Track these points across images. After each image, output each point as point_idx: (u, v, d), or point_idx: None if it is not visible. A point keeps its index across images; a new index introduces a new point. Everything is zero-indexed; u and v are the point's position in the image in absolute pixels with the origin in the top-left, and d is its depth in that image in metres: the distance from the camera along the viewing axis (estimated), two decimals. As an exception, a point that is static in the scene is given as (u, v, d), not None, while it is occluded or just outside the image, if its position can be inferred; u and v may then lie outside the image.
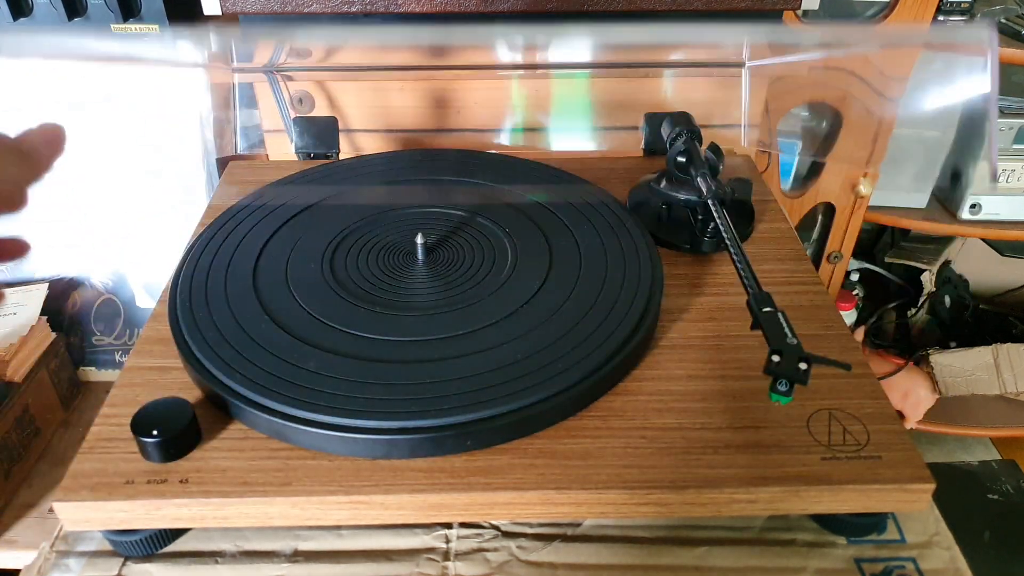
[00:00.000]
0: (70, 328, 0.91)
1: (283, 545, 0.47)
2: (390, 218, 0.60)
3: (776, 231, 0.63)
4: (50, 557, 0.46)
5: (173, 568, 0.45)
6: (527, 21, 0.78)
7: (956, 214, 1.13)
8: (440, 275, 0.55)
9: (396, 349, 0.48)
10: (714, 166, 0.60)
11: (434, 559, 0.46)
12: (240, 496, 0.42)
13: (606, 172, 0.69)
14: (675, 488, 0.42)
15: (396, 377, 0.45)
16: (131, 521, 0.43)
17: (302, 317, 0.50)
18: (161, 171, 0.84)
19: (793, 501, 0.43)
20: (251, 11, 0.73)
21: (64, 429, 0.87)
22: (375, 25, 0.78)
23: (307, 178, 0.64)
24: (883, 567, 0.45)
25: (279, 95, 0.79)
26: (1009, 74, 1.09)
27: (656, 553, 0.46)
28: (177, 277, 0.54)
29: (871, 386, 0.48)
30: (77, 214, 0.86)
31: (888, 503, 0.43)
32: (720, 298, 0.56)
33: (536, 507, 0.43)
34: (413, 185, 0.64)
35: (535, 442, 0.44)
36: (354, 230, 0.59)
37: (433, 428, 0.43)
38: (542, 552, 0.46)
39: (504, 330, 0.49)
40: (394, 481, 0.42)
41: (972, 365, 1.20)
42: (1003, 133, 1.05)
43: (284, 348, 0.48)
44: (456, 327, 0.49)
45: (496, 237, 0.58)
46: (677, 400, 0.47)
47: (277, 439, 0.44)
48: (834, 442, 0.44)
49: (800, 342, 0.42)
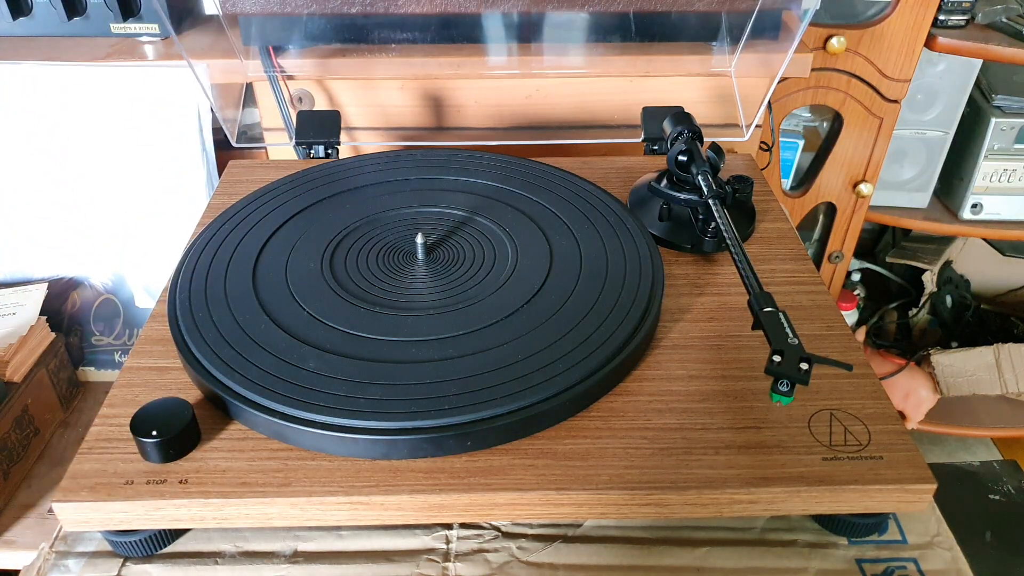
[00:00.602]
0: (69, 328, 0.91)
1: (283, 546, 0.46)
2: (390, 218, 0.60)
3: (777, 231, 0.63)
4: (49, 557, 0.46)
5: (173, 569, 0.45)
6: (527, 21, 0.78)
7: (957, 214, 1.13)
8: (440, 275, 0.54)
9: (396, 349, 0.48)
10: (715, 165, 0.60)
11: (434, 560, 0.46)
12: (240, 497, 0.42)
13: (606, 172, 0.69)
14: (676, 489, 0.42)
15: (396, 377, 0.45)
16: (130, 522, 0.43)
17: (302, 317, 0.50)
18: (161, 171, 0.84)
19: (794, 502, 0.43)
20: (251, 11, 0.73)
21: (63, 429, 0.87)
22: (374, 27, 0.78)
23: (307, 178, 0.64)
24: (884, 568, 0.45)
25: (279, 94, 0.79)
26: (1010, 73, 1.09)
27: (657, 554, 0.46)
28: (177, 277, 0.54)
29: (872, 386, 0.48)
30: (77, 214, 0.86)
31: (889, 503, 0.43)
32: (721, 298, 0.55)
33: (536, 508, 0.43)
34: (413, 185, 0.64)
35: (535, 442, 0.44)
36: (354, 230, 0.59)
37: (433, 428, 0.43)
38: (543, 553, 0.46)
39: (504, 330, 0.49)
40: (394, 482, 0.42)
41: (973, 365, 1.20)
42: (1004, 133, 1.05)
43: (284, 348, 0.47)
44: (456, 327, 0.49)
45: (496, 237, 0.58)
46: (678, 400, 0.47)
47: (277, 439, 0.44)
48: (835, 442, 0.44)
49: (801, 342, 0.42)
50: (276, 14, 0.73)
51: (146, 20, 0.80)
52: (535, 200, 0.62)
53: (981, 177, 1.08)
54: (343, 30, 0.78)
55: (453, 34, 0.79)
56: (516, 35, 0.79)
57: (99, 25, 0.80)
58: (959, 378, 1.21)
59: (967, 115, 1.07)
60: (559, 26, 0.79)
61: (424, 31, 0.79)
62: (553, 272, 0.54)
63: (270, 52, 0.77)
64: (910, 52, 0.94)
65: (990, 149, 1.06)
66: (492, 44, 0.79)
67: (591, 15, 0.77)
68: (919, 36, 0.93)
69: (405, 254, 0.56)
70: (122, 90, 0.80)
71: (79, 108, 0.81)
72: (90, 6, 0.79)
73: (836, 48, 0.92)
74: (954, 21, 0.94)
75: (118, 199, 0.85)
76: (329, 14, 0.74)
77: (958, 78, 1.04)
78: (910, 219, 1.14)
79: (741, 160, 0.72)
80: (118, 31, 0.80)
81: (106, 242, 0.88)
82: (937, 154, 1.10)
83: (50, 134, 0.82)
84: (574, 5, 0.74)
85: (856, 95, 0.97)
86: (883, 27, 0.92)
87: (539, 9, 0.74)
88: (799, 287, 0.56)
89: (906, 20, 0.91)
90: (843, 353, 0.50)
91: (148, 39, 0.81)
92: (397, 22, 0.78)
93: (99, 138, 0.83)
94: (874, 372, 0.49)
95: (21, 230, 0.87)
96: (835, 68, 0.95)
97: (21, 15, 0.80)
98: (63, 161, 0.84)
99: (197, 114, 0.82)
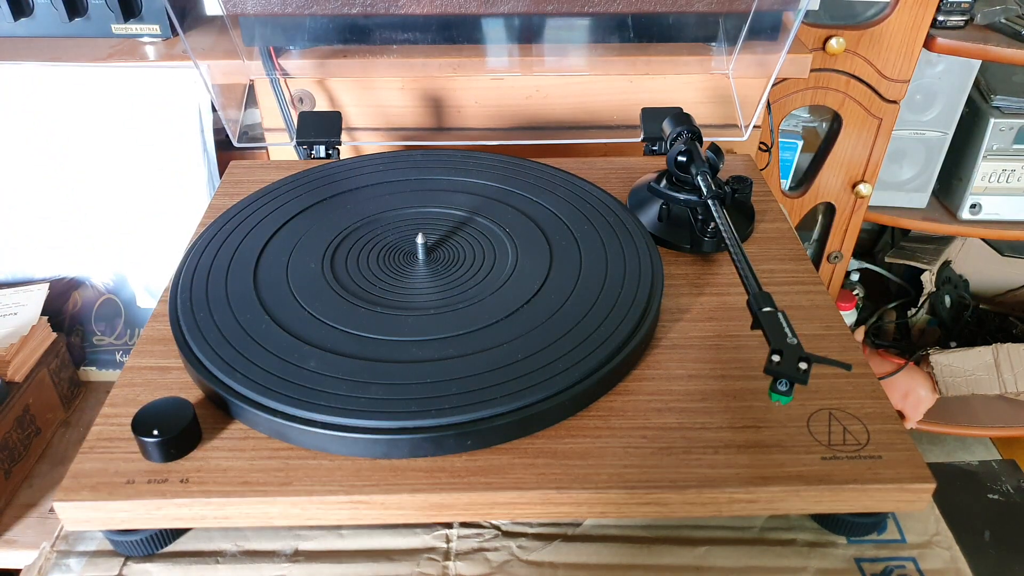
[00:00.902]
0: (71, 328, 0.91)
1: (284, 545, 0.47)
2: (390, 218, 0.60)
3: (776, 231, 0.63)
4: (50, 557, 0.46)
5: (174, 568, 0.45)
6: (527, 22, 0.78)
7: (956, 214, 1.13)
8: (441, 275, 0.55)
9: (397, 349, 0.48)
10: (714, 165, 0.60)
11: (435, 559, 0.46)
12: (241, 496, 0.42)
13: (606, 172, 0.69)
14: (675, 488, 0.42)
15: (397, 377, 0.45)
16: (132, 521, 0.43)
17: (302, 317, 0.50)
18: (162, 171, 0.84)
19: (793, 501, 0.43)
20: (252, 12, 0.73)
21: (64, 429, 0.87)
22: (375, 28, 0.78)
23: (307, 178, 0.64)
24: (883, 567, 0.45)
25: (279, 94, 0.79)
26: (1009, 74, 1.09)
27: (656, 553, 0.46)
28: (178, 277, 0.54)
29: (871, 386, 0.48)
30: (78, 214, 0.86)
31: (888, 503, 0.43)
32: (720, 298, 0.56)
33: (537, 507, 0.43)
34: (413, 185, 0.64)
35: (535, 442, 0.44)
36: (354, 230, 0.59)
37: (433, 428, 0.43)
38: (543, 552, 0.46)
39: (504, 330, 0.49)
40: (394, 481, 0.42)
41: (972, 365, 1.20)
42: (1003, 133, 1.05)
43: (284, 348, 0.48)
44: (457, 327, 0.49)
45: (496, 237, 0.58)
46: (677, 400, 0.47)
47: (278, 439, 0.44)
48: (834, 442, 0.44)
49: (800, 342, 0.42)
50: (278, 15, 0.73)
51: (147, 21, 0.80)
52: (535, 200, 0.62)
53: (980, 177, 1.09)
54: (344, 31, 0.78)
55: (453, 35, 0.79)
56: (516, 36, 0.79)
57: (100, 26, 0.80)
58: (958, 378, 1.21)
59: (966, 115, 1.08)
60: (559, 27, 0.79)
61: (424, 32, 0.79)
62: (553, 272, 0.54)
63: (271, 53, 0.78)
64: (909, 53, 0.94)
65: (989, 149, 1.06)
66: (492, 44, 0.79)
67: (590, 16, 0.77)
68: (918, 37, 0.93)
69: (405, 254, 0.57)
70: (123, 91, 0.81)
71: (80, 109, 0.81)
72: (91, 7, 0.79)
73: (835, 49, 0.92)
74: (953, 22, 0.94)
75: (119, 199, 0.86)
76: (330, 15, 0.75)
77: (957, 79, 1.04)
78: (909, 219, 1.14)
79: (740, 160, 0.72)
80: (119, 32, 0.81)
81: (107, 242, 0.88)
82: (936, 154, 1.10)
83: (51, 134, 0.82)
84: (574, 6, 0.74)
85: (855, 95, 0.97)
86: (882, 28, 0.92)
87: (539, 10, 0.74)
88: (798, 287, 0.57)
89: (905, 21, 0.92)
90: (842, 353, 0.51)
91: (149, 40, 0.81)
92: (398, 23, 0.78)
93: (100, 138, 0.83)
94: (873, 372, 0.49)
95: (22, 230, 0.87)
96: (834, 69, 0.95)
97: (22, 16, 0.80)
98: (64, 161, 0.84)
99: (198, 114, 0.82)
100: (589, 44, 0.80)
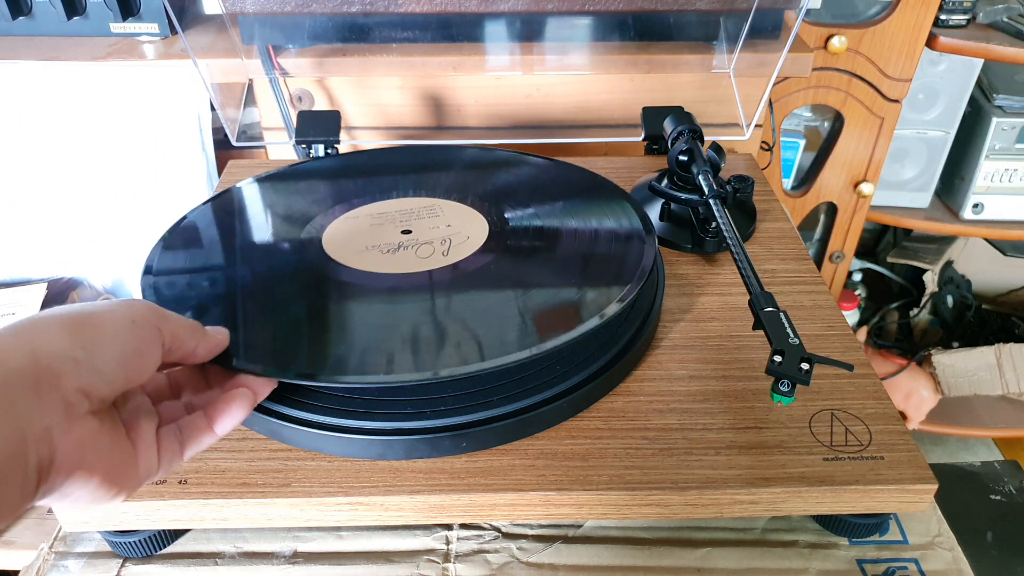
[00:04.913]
0: (70, 328, 0.91)
1: (283, 546, 0.46)
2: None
3: (778, 231, 0.63)
4: (49, 558, 0.46)
5: (172, 569, 0.45)
6: (527, 20, 0.78)
7: (959, 214, 1.12)
8: (440, 275, 0.54)
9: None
10: (716, 165, 0.60)
11: (434, 560, 0.46)
12: (239, 497, 0.42)
13: (606, 172, 0.69)
14: (677, 489, 0.42)
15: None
16: (130, 522, 0.42)
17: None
18: (161, 171, 0.84)
19: (795, 502, 0.43)
20: (251, 10, 0.73)
21: (64, 429, 0.87)
22: (374, 27, 0.78)
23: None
24: (885, 568, 0.45)
25: (278, 93, 0.79)
26: (1012, 73, 1.09)
27: (658, 554, 0.46)
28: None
29: (873, 386, 0.48)
30: (75, 213, 0.86)
31: (890, 504, 0.43)
32: (722, 298, 0.55)
33: (537, 508, 0.42)
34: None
35: (536, 443, 0.44)
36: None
37: (433, 429, 0.43)
38: (543, 553, 0.46)
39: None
40: (394, 482, 0.42)
41: (975, 365, 1.20)
42: (1005, 133, 1.05)
43: (283, 348, 0.47)
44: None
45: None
46: (679, 400, 0.47)
47: (276, 440, 0.44)
48: (836, 443, 0.44)
49: (802, 342, 0.41)
50: (277, 13, 0.73)
51: (146, 20, 0.80)
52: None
53: (982, 177, 1.08)
54: (343, 29, 0.78)
55: (453, 33, 0.79)
56: (516, 34, 0.79)
57: (98, 25, 0.80)
58: (960, 378, 1.20)
59: (968, 115, 1.07)
60: (559, 25, 0.79)
61: (424, 30, 0.78)
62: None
63: (270, 52, 0.77)
64: (911, 52, 0.94)
65: (991, 149, 1.06)
66: (492, 43, 0.79)
67: (591, 14, 0.77)
68: (920, 36, 0.92)
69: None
70: (122, 89, 0.80)
71: (78, 108, 0.81)
72: (90, 6, 0.79)
73: (837, 48, 0.92)
74: (955, 20, 0.94)
75: (117, 198, 0.85)
76: (329, 13, 0.74)
77: (959, 78, 1.03)
78: (911, 219, 1.14)
79: (742, 160, 0.72)
80: (118, 31, 0.80)
81: (105, 242, 0.88)
82: (938, 154, 1.10)
83: (49, 133, 0.82)
84: (574, 4, 0.74)
85: (857, 95, 0.97)
86: (884, 27, 0.92)
87: (539, 8, 0.74)
88: (800, 287, 0.56)
89: (907, 20, 0.91)
90: (844, 353, 0.50)
91: (148, 39, 0.81)
92: (397, 21, 0.77)
93: (99, 138, 0.82)
94: (875, 372, 0.49)
95: (21, 230, 0.87)
96: (836, 68, 0.95)
97: (21, 14, 0.79)
98: (62, 160, 0.83)
99: (197, 114, 0.82)
100: (590, 43, 0.80)
